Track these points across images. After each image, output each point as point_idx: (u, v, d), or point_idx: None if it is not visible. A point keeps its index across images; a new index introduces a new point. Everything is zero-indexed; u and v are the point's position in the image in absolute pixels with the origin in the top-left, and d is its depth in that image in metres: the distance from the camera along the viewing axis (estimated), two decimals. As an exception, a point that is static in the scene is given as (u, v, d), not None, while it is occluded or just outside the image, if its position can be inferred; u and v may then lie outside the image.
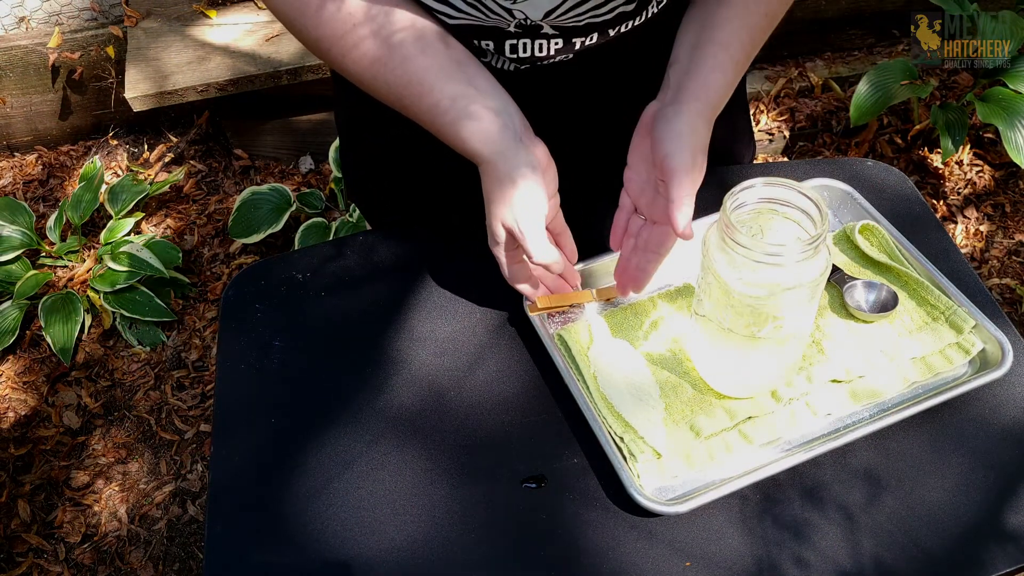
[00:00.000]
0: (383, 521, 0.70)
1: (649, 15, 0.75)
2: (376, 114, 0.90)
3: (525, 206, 0.69)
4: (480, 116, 0.70)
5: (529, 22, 0.71)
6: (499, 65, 0.78)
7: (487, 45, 0.75)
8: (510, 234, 0.71)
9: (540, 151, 0.72)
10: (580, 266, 0.83)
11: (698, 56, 0.72)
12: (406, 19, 0.70)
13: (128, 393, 1.82)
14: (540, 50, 0.75)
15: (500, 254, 0.74)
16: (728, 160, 1.00)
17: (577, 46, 0.76)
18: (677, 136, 0.69)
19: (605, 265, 0.84)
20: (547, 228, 0.73)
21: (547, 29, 0.73)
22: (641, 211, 0.76)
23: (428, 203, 0.95)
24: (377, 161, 0.97)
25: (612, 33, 0.75)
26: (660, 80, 0.75)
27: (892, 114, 2.16)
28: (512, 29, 0.72)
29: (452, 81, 0.70)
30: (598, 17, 0.73)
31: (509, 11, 0.70)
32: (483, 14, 0.70)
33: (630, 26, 0.76)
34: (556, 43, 0.75)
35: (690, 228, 0.69)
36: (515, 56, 0.76)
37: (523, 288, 0.78)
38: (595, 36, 0.75)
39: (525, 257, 0.73)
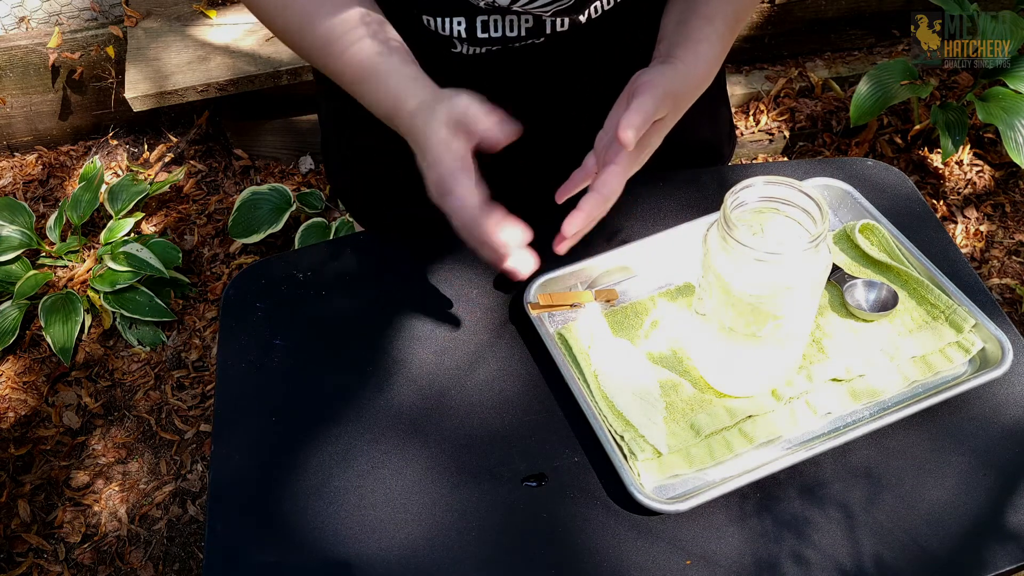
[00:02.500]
0: (384, 520, 0.70)
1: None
2: (360, 115, 0.90)
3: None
4: (405, 77, 0.70)
5: (497, 5, 0.72)
6: (469, 52, 0.78)
7: (459, 23, 0.75)
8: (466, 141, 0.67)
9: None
10: (579, 266, 0.83)
11: (685, 30, 0.73)
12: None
13: (128, 393, 1.82)
14: (511, 29, 0.76)
15: (457, 195, 0.67)
16: (710, 151, 1.00)
17: (548, 28, 0.76)
18: (660, 73, 0.69)
19: (604, 265, 0.84)
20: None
21: (516, 8, 0.74)
22: (600, 167, 0.72)
23: (415, 205, 0.95)
24: (362, 163, 0.97)
25: (583, 19, 0.76)
26: (633, 65, 0.74)
27: (892, 114, 2.16)
28: (482, 5, 0.73)
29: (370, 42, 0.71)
30: (564, 4, 0.73)
31: None
32: None
33: (599, 10, 0.76)
34: (527, 21, 0.75)
35: (630, 134, 0.65)
36: (486, 35, 0.76)
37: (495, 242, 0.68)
38: (566, 21, 0.76)
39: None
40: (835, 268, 0.83)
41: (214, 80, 1.98)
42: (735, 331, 0.69)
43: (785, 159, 2.18)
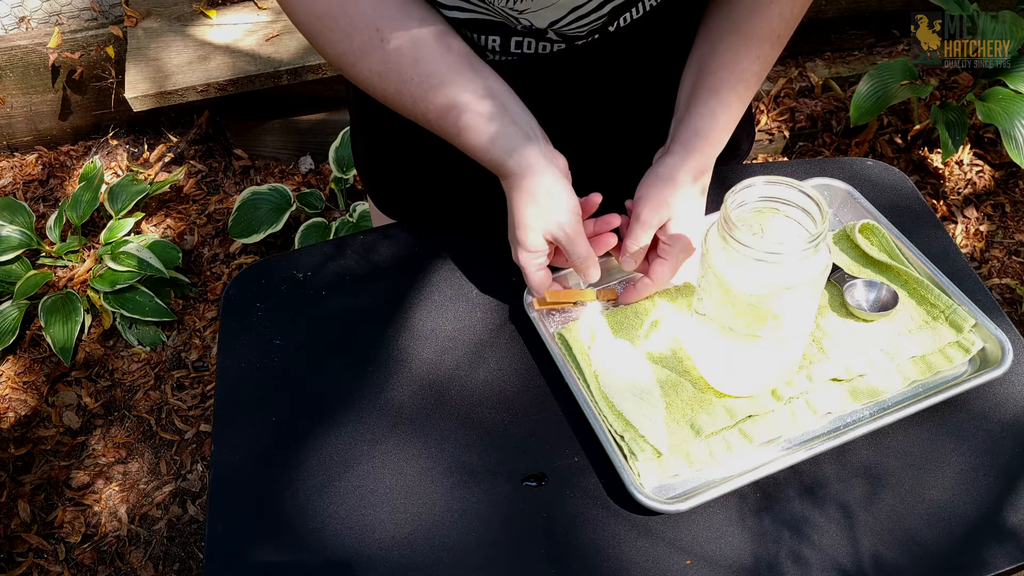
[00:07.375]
0: (384, 519, 0.70)
1: (646, 7, 0.77)
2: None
3: (568, 212, 0.73)
4: (505, 130, 0.73)
5: (534, 28, 0.74)
6: (501, 60, 0.79)
7: (494, 41, 0.77)
8: (553, 243, 0.75)
9: (561, 162, 0.75)
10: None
11: (692, 104, 0.78)
12: (422, 30, 0.73)
13: (128, 393, 1.82)
14: (543, 49, 0.78)
15: (531, 263, 0.75)
16: (726, 147, 1.00)
17: (578, 44, 0.78)
18: (654, 182, 0.76)
19: (604, 265, 0.84)
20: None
21: (551, 35, 0.75)
22: (652, 260, 0.81)
23: (438, 191, 0.95)
24: (388, 147, 0.97)
25: (612, 30, 0.77)
26: (661, 68, 0.80)
27: (892, 114, 2.16)
28: (519, 28, 0.75)
29: (470, 91, 0.73)
30: (598, 22, 0.75)
31: (516, 18, 0.72)
32: (492, 14, 0.73)
33: (628, 20, 0.77)
34: (559, 45, 0.78)
35: (631, 261, 0.78)
36: (519, 52, 0.78)
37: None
38: (596, 36, 0.78)
39: (570, 258, 0.76)
40: (835, 268, 0.83)
41: (214, 80, 1.98)
42: (735, 331, 0.69)
43: (785, 159, 2.18)
